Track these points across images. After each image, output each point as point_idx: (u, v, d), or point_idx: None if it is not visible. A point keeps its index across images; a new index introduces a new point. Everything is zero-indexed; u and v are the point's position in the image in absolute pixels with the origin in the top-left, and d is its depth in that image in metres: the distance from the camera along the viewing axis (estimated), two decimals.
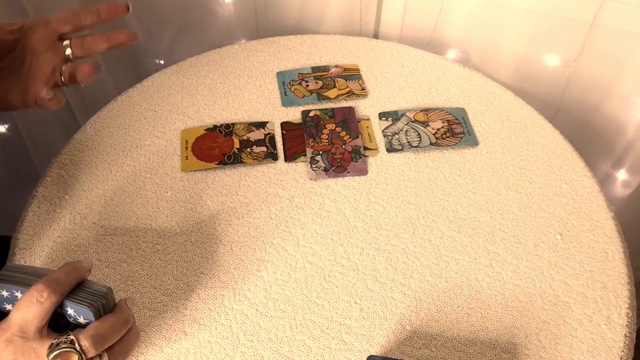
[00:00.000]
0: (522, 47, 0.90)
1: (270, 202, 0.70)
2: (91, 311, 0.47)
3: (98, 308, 0.48)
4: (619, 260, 0.65)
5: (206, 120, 0.79)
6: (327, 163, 0.74)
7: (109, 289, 0.49)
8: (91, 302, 0.47)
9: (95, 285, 0.49)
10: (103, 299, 0.48)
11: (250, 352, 0.58)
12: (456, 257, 0.65)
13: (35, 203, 0.69)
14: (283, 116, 0.80)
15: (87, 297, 0.48)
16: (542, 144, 0.76)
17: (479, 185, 0.72)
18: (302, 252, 0.65)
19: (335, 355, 0.58)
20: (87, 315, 0.47)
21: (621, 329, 0.60)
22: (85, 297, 0.48)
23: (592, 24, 0.83)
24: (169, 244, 0.66)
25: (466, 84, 0.84)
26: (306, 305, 0.61)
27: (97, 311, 0.48)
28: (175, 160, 0.74)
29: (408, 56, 0.88)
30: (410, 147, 0.76)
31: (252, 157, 0.74)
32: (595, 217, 0.69)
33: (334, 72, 0.85)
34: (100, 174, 0.73)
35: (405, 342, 0.59)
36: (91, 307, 0.47)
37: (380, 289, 0.63)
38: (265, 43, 0.90)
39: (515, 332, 0.60)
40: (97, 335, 0.46)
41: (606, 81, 0.89)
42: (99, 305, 0.48)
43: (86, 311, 0.47)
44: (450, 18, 0.94)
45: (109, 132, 0.77)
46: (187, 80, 0.84)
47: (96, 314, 0.48)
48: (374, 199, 0.70)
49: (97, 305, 0.48)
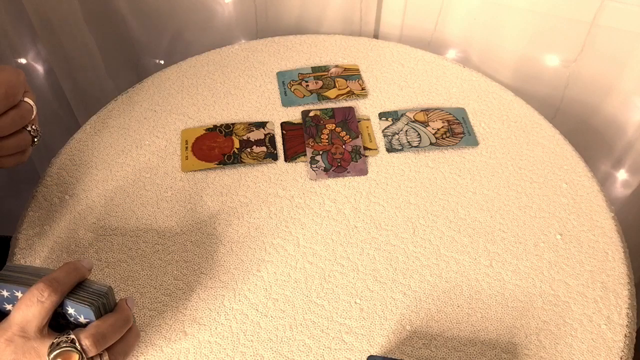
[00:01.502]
0: (522, 47, 0.90)
1: (270, 202, 0.70)
2: (92, 310, 0.47)
3: (99, 307, 0.48)
4: (619, 260, 0.65)
5: (206, 120, 0.79)
6: (327, 163, 0.74)
7: (110, 289, 0.49)
8: (92, 301, 0.47)
9: (96, 284, 0.49)
10: (104, 298, 0.48)
11: (250, 352, 0.58)
12: (456, 257, 0.65)
13: (35, 203, 0.69)
14: (283, 116, 0.80)
15: (87, 297, 0.48)
16: (542, 144, 0.76)
17: (479, 185, 0.72)
18: (302, 252, 0.65)
19: (335, 355, 0.58)
20: (88, 314, 0.47)
21: (621, 329, 0.60)
22: (85, 297, 0.48)
23: (592, 24, 0.82)
24: (169, 244, 0.66)
25: (466, 84, 0.84)
26: (306, 305, 0.61)
27: (97, 310, 0.48)
28: (175, 160, 0.74)
29: (408, 56, 0.88)
30: (410, 147, 0.76)
31: (252, 157, 0.74)
32: (595, 217, 0.69)
33: (334, 72, 0.85)
34: (100, 174, 0.73)
35: (405, 342, 0.59)
36: (92, 307, 0.47)
37: (380, 289, 0.63)
38: (265, 43, 0.90)
39: (515, 332, 0.60)
40: (98, 335, 0.46)
41: (606, 81, 0.89)
42: (99, 304, 0.48)
43: (87, 310, 0.47)
44: (450, 18, 0.94)
45: (109, 132, 0.77)
46: (187, 80, 0.84)
47: (97, 313, 0.48)
48: (374, 199, 0.70)
49: (98, 304, 0.48)
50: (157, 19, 0.99)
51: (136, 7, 0.97)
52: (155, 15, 0.98)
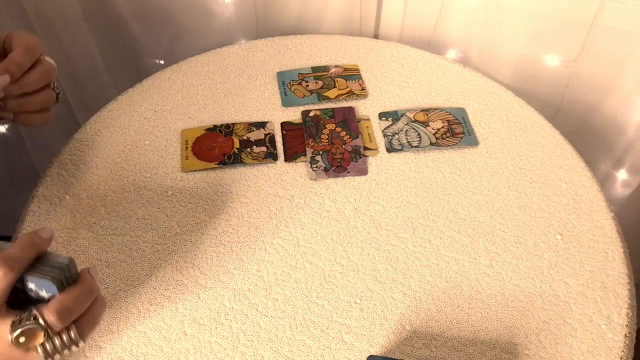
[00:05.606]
0: (522, 47, 0.90)
1: (270, 202, 0.70)
2: (54, 284, 0.44)
3: (61, 280, 0.45)
4: (619, 260, 0.65)
5: (206, 120, 0.79)
6: (327, 163, 0.74)
7: (71, 259, 0.46)
8: (53, 275, 0.45)
9: (56, 256, 0.46)
10: (66, 271, 0.45)
11: (250, 352, 0.58)
12: (456, 257, 0.65)
13: (35, 203, 0.69)
14: (283, 116, 0.80)
15: (48, 271, 0.45)
16: (542, 144, 0.76)
17: (479, 185, 0.72)
18: (302, 252, 0.65)
19: (335, 355, 0.58)
20: (50, 288, 0.45)
21: (621, 329, 0.60)
22: (46, 271, 0.45)
23: (592, 24, 0.82)
24: (169, 244, 0.66)
25: (466, 84, 0.84)
26: (306, 305, 0.61)
27: (60, 284, 0.45)
28: (175, 160, 0.74)
29: (408, 56, 0.88)
30: (410, 147, 0.76)
31: (252, 157, 0.74)
32: (595, 217, 0.69)
33: (334, 72, 0.85)
34: (100, 174, 0.73)
35: (405, 342, 0.59)
36: (54, 280, 0.44)
37: (380, 289, 0.63)
38: (265, 43, 0.90)
39: (515, 332, 0.60)
40: (63, 309, 0.44)
41: (606, 81, 0.89)
42: (62, 277, 0.45)
43: (48, 284, 0.45)
44: (450, 18, 0.94)
45: (109, 132, 0.77)
46: (187, 80, 0.84)
47: (59, 286, 0.45)
48: (374, 199, 0.70)
49: (60, 277, 0.45)
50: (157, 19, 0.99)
51: (136, 7, 0.97)
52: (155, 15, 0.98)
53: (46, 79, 0.59)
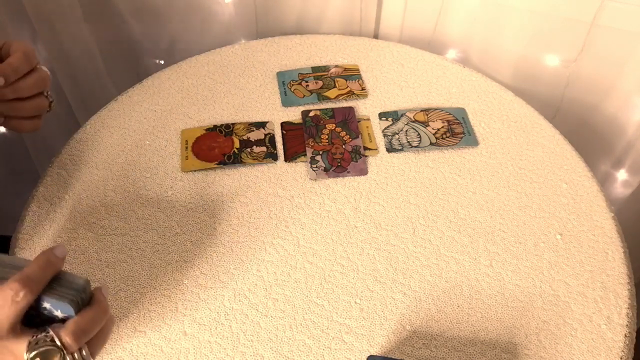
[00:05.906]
0: (522, 47, 0.90)
1: (270, 202, 0.70)
2: (72, 306, 0.45)
3: (78, 302, 0.45)
4: (619, 260, 0.65)
5: (206, 120, 0.79)
6: (327, 163, 0.74)
7: (87, 281, 0.46)
8: (72, 297, 0.45)
9: (72, 276, 0.46)
10: (82, 293, 0.45)
11: (250, 352, 0.58)
12: (456, 257, 0.65)
13: (35, 203, 0.69)
14: (283, 116, 0.80)
15: (65, 292, 0.45)
16: (542, 144, 0.76)
17: (479, 185, 0.72)
18: (302, 252, 0.65)
19: (335, 355, 0.58)
20: (67, 310, 0.45)
21: (621, 329, 0.60)
22: (63, 292, 0.45)
23: (592, 24, 0.82)
24: (169, 244, 0.66)
25: (466, 84, 0.84)
26: (306, 305, 0.61)
27: (77, 305, 0.45)
28: (175, 160, 0.74)
29: (408, 56, 0.88)
30: (410, 147, 0.76)
31: (252, 157, 0.74)
32: (595, 217, 0.69)
33: (334, 72, 0.85)
34: (100, 174, 0.73)
35: (405, 342, 0.59)
36: (72, 303, 0.44)
37: (380, 289, 0.63)
38: (265, 43, 0.90)
39: (515, 332, 0.60)
40: (79, 331, 0.44)
41: (606, 81, 0.89)
42: (78, 299, 0.45)
43: (66, 306, 0.45)
44: (450, 18, 0.94)
45: (109, 132, 0.77)
46: (187, 80, 0.84)
47: (76, 308, 0.45)
48: (374, 199, 0.70)
49: (77, 299, 0.45)
50: (157, 19, 0.99)
51: (136, 7, 0.97)
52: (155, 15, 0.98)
53: (41, 86, 0.60)
